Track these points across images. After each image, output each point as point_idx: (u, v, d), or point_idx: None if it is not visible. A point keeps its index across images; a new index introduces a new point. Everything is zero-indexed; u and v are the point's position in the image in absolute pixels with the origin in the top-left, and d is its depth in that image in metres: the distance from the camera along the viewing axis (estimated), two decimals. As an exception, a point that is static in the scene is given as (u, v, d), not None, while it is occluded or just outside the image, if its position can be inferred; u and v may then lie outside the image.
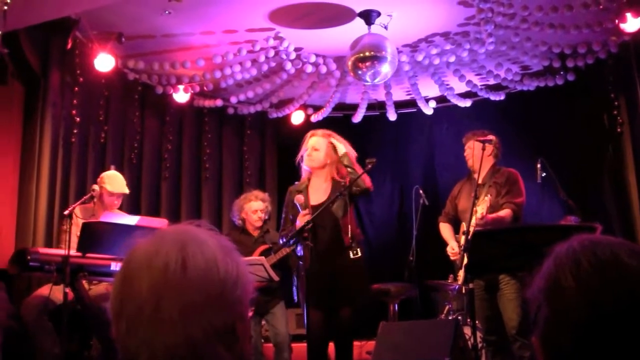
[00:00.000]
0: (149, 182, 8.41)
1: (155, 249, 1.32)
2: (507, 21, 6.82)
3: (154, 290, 1.28)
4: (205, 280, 1.30)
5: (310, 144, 5.80)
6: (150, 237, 1.37)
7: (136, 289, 1.29)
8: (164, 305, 1.27)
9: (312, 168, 5.78)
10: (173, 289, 1.28)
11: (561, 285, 1.30)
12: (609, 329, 1.24)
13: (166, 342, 1.26)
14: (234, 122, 9.29)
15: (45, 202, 6.73)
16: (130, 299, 1.30)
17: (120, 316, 1.31)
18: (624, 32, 6.85)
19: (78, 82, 7.22)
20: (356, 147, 9.55)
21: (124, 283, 1.32)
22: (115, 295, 1.34)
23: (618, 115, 7.83)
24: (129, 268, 1.33)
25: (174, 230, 1.39)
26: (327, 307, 5.37)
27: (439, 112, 9.15)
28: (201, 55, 7.57)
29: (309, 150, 5.77)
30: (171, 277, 1.28)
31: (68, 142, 7.23)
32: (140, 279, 1.30)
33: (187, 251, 1.31)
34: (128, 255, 1.35)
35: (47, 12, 6.11)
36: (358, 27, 7.00)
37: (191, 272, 1.29)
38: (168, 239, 1.35)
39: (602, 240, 1.34)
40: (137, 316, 1.28)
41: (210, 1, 6.54)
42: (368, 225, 9.83)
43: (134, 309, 1.29)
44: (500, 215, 5.41)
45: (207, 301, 1.29)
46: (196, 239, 1.36)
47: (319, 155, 5.75)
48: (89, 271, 5.35)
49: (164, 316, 1.26)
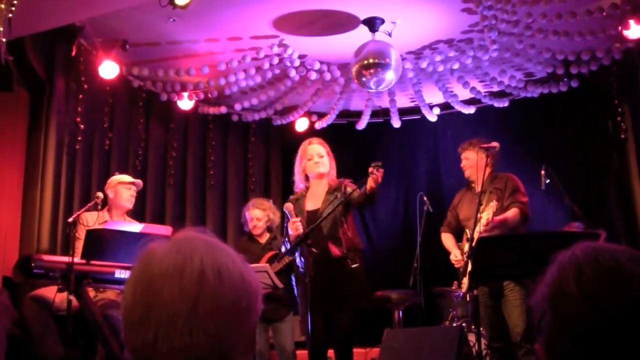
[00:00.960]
0: (153, 189, 8.41)
1: (188, 257, 1.30)
2: (510, 28, 6.82)
3: (188, 298, 1.26)
4: (237, 290, 1.30)
5: (313, 152, 5.78)
6: (172, 244, 1.34)
7: (167, 297, 1.27)
8: (199, 314, 1.25)
9: (320, 175, 5.76)
10: (208, 298, 1.26)
11: (564, 292, 1.31)
12: (611, 335, 1.25)
13: (200, 351, 1.25)
14: (239, 129, 9.30)
15: (50, 209, 6.73)
16: (160, 308, 1.27)
17: (146, 325, 1.28)
18: (627, 39, 6.84)
19: (83, 89, 7.24)
20: (360, 154, 9.62)
21: (149, 291, 1.29)
22: (135, 303, 1.30)
23: (622, 122, 7.84)
24: (154, 275, 1.30)
25: (198, 237, 1.37)
26: (326, 313, 5.35)
27: (443, 119, 9.15)
28: (206, 62, 7.59)
29: (315, 158, 5.75)
30: (206, 286, 1.27)
31: (72, 149, 7.25)
32: (171, 287, 1.27)
33: (221, 261, 1.31)
34: (146, 262, 1.32)
35: (52, 20, 6.12)
36: (362, 34, 7.01)
37: (226, 281, 1.29)
38: (199, 247, 1.33)
39: (604, 248, 1.34)
40: (170, 325, 1.26)
41: (215, 8, 6.56)
42: (373, 232, 9.83)
43: (166, 318, 1.26)
44: (506, 216, 5.40)
45: (239, 311, 1.29)
46: (224, 248, 1.36)
47: (325, 160, 5.78)
48: (94, 278, 5.35)
49: (199, 325, 1.25)
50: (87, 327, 5.39)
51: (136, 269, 1.34)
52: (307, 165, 5.79)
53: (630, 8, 6.50)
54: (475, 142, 5.91)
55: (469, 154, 5.94)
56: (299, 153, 5.89)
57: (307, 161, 5.79)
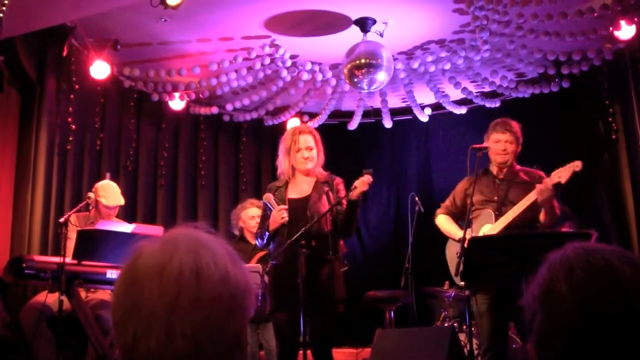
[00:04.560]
0: (144, 190, 8.40)
1: (169, 256, 1.28)
2: (502, 28, 6.84)
3: (166, 299, 1.24)
4: (217, 291, 1.27)
5: (303, 144, 5.14)
6: (158, 242, 1.32)
7: (146, 297, 1.25)
8: (176, 315, 1.24)
9: (307, 171, 5.16)
10: (186, 299, 1.24)
11: (555, 293, 1.31)
12: (602, 335, 1.25)
13: (177, 353, 1.23)
14: (230, 129, 9.30)
15: (41, 209, 6.71)
16: (140, 308, 1.26)
17: (127, 325, 1.27)
18: (618, 40, 6.87)
19: (74, 90, 7.23)
20: (352, 154, 9.63)
21: (131, 290, 1.28)
22: (120, 303, 1.29)
23: (613, 122, 7.86)
24: (137, 275, 1.28)
25: (184, 236, 1.34)
26: (298, 312, 4.98)
27: (435, 119, 9.17)
28: (197, 62, 7.58)
29: (305, 153, 5.12)
30: (184, 287, 1.25)
31: (64, 150, 7.23)
32: (151, 287, 1.26)
33: (201, 261, 1.28)
34: (133, 261, 1.31)
35: (43, 20, 6.11)
36: (354, 34, 7.02)
37: (204, 283, 1.26)
38: (181, 246, 1.30)
39: (595, 248, 1.35)
40: (147, 325, 1.24)
41: (206, 9, 6.55)
42: (364, 232, 9.84)
43: (144, 318, 1.25)
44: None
45: (219, 312, 1.26)
46: (209, 247, 1.32)
47: (314, 154, 5.15)
48: (85, 279, 5.34)
49: (176, 326, 1.23)
50: (79, 328, 5.38)
51: (123, 268, 1.33)
52: (296, 158, 5.14)
53: (621, 9, 6.53)
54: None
55: (509, 137, 5.44)
56: (286, 142, 5.23)
57: (295, 153, 5.14)
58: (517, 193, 5.25)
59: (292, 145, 5.16)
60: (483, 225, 5.20)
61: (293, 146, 5.16)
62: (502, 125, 5.42)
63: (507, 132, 5.41)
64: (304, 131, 5.25)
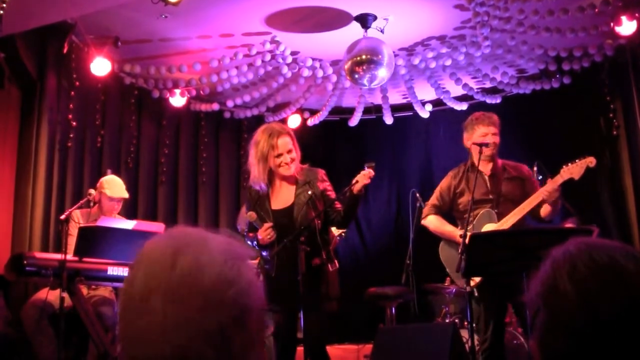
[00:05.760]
0: (145, 187, 8.39)
1: (156, 245, 1.31)
2: (503, 24, 6.83)
3: (145, 284, 1.26)
4: (190, 280, 1.25)
5: (283, 147, 4.86)
6: (161, 236, 1.35)
7: (130, 281, 1.29)
8: (151, 299, 1.24)
9: (288, 177, 4.96)
10: (159, 285, 1.24)
11: (558, 289, 1.30)
12: (606, 332, 1.25)
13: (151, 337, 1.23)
14: (231, 126, 9.29)
15: (42, 206, 6.71)
16: (128, 291, 1.28)
17: (120, 327, 1.29)
18: (619, 35, 6.87)
19: (74, 86, 7.22)
20: (353, 150, 9.62)
21: (127, 280, 1.31)
22: (121, 302, 1.32)
23: (614, 118, 7.85)
24: (133, 263, 1.32)
25: (183, 231, 1.36)
26: (297, 309, 4.93)
27: (436, 116, 9.17)
28: (198, 59, 7.58)
29: (285, 157, 4.86)
30: (159, 273, 1.26)
31: (64, 147, 7.23)
32: (136, 274, 1.28)
33: (181, 250, 1.28)
34: (137, 261, 1.32)
35: (44, 17, 6.10)
36: (354, 31, 7.01)
37: (177, 271, 1.25)
38: (172, 238, 1.32)
39: (598, 244, 1.34)
40: (127, 306, 1.27)
41: (207, 5, 6.54)
42: (365, 228, 9.84)
43: (126, 300, 1.28)
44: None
45: (191, 301, 1.24)
46: (199, 241, 1.32)
47: (294, 155, 4.91)
48: (86, 276, 5.34)
49: (150, 307, 1.23)
50: (80, 325, 5.38)
51: (130, 267, 1.35)
52: (276, 164, 4.87)
53: (622, 4, 6.52)
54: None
55: (496, 130, 5.33)
56: (261, 146, 4.90)
57: (275, 158, 4.86)
58: (510, 189, 5.26)
59: (270, 151, 4.86)
60: (484, 225, 5.19)
61: (272, 151, 4.85)
62: (486, 118, 5.38)
63: (491, 125, 5.35)
64: (282, 133, 4.91)
